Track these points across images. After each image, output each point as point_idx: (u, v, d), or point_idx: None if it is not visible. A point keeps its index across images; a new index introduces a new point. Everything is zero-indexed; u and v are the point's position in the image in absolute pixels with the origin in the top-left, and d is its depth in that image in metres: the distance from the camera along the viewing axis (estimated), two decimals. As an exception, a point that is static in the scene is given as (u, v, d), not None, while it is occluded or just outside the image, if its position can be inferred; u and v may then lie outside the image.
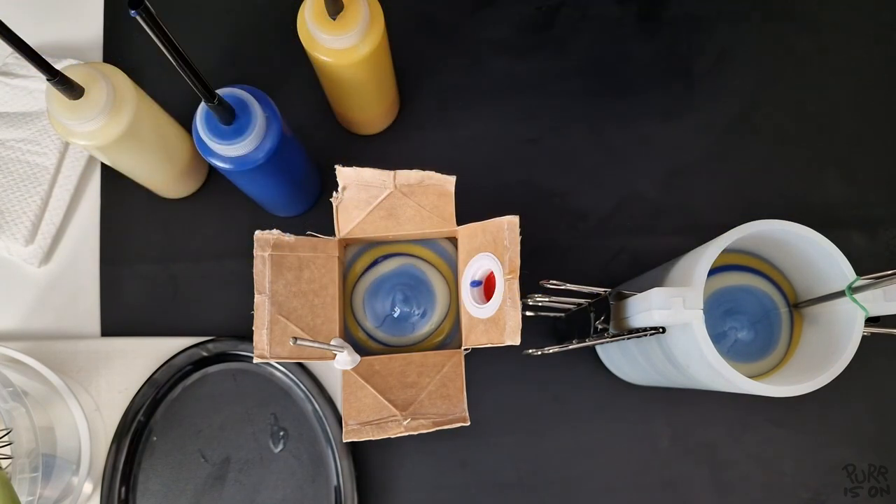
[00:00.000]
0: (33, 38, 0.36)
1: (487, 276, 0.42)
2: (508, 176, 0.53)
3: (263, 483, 0.48)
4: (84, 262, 0.52)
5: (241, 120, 0.38)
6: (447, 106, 0.54)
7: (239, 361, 0.49)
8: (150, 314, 0.51)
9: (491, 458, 0.49)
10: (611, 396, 0.49)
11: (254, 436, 0.48)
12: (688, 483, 0.48)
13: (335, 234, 0.43)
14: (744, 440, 0.49)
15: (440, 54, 0.55)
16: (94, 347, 0.49)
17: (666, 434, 0.49)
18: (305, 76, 0.54)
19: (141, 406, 0.48)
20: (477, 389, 0.46)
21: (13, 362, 0.45)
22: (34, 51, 0.35)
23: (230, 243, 0.51)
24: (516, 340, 0.37)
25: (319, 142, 0.53)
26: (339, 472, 0.47)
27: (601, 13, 0.55)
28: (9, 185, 0.51)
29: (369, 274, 0.45)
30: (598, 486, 0.48)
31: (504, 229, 0.39)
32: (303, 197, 0.50)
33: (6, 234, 0.50)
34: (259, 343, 0.39)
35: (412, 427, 0.40)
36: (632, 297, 0.36)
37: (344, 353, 0.40)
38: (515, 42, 0.55)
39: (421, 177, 0.42)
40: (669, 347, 0.36)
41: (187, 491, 0.48)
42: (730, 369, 0.32)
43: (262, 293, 0.40)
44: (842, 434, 0.49)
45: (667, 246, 0.48)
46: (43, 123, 0.52)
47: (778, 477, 0.48)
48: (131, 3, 0.28)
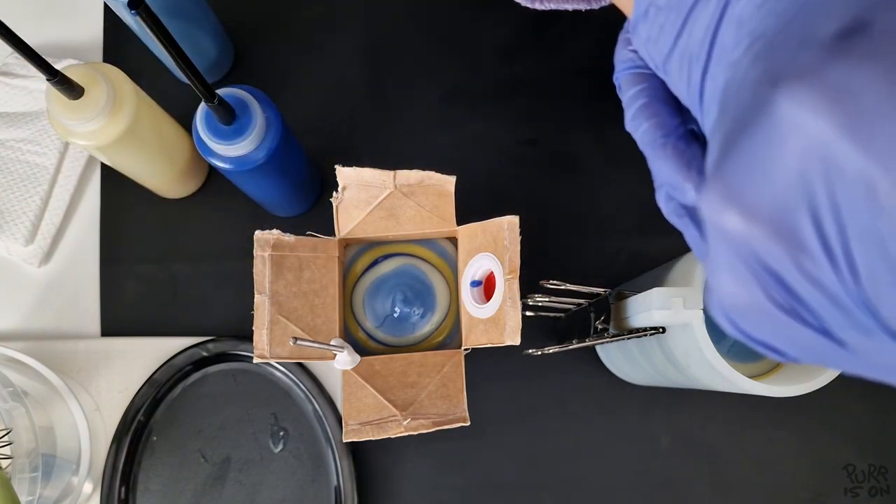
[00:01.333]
0: (33, 38, 0.36)
1: (487, 276, 0.42)
2: (508, 176, 0.53)
3: (263, 483, 0.48)
4: (84, 262, 0.52)
5: (241, 120, 0.38)
6: (447, 106, 0.54)
7: (239, 361, 0.49)
8: (150, 314, 0.51)
9: (491, 458, 0.49)
10: (611, 396, 0.49)
11: (254, 436, 0.48)
12: (688, 483, 0.48)
13: (335, 234, 0.43)
14: (744, 440, 0.49)
15: (440, 54, 0.55)
16: (94, 347, 0.49)
17: (666, 434, 0.49)
18: (305, 76, 0.54)
19: (141, 406, 0.48)
20: (477, 389, 0.46)
21: (13, 362, 0.45)
22: (34, 51, 0.35)
23: (230, 243, 0.51)
24: (516, 340, 0.37)
25: (319, 142, 0.53)
26: (339, 472, 0.47)
27: (601, 13, 0.55)
28: (9, 185, 0.51)
29: (369, 274, 0.45)
30: (598, 486, 0.48)
31: (504, 229, 0.39)
32: (303, 197, 0.50)
33: (6, 234, 0.50)
34: (259, 343, 0.39)
35: (412, 427, 0.40)
36: (632, 297, 0.36)
37: (344, 353, 0.40)
38: (515, 42, 0.55)
39: (421, 177, 0.42)
40: (669, 347, 0.36)
41: (187, 491, 0.48)
42: (730, 369, 0.32)
43: (262, 293, 0.40)
44: (842, 434, 0.49)
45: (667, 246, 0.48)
46: (43, 123, 0.52)
47: (778, 477, 0.48)
48: (131, 3, 0.28)
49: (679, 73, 0.22)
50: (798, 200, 0.15)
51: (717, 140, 0.17)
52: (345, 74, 0.54)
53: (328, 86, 0.54)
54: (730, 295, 0.17)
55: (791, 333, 0.17)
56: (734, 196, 0.16)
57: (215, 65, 0.52)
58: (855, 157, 0.13)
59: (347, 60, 0.54)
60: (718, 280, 0.18)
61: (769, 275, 0.16)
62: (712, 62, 0.20)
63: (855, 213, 0.14)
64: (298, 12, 0.55)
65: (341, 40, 0.55)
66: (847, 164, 0.14)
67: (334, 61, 0.55)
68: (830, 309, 0.16)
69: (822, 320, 0.16)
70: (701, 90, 0.20)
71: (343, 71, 0.54)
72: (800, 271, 0.15)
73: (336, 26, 0.55)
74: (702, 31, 0.20)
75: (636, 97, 0.26)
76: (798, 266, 0.15)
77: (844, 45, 0.14)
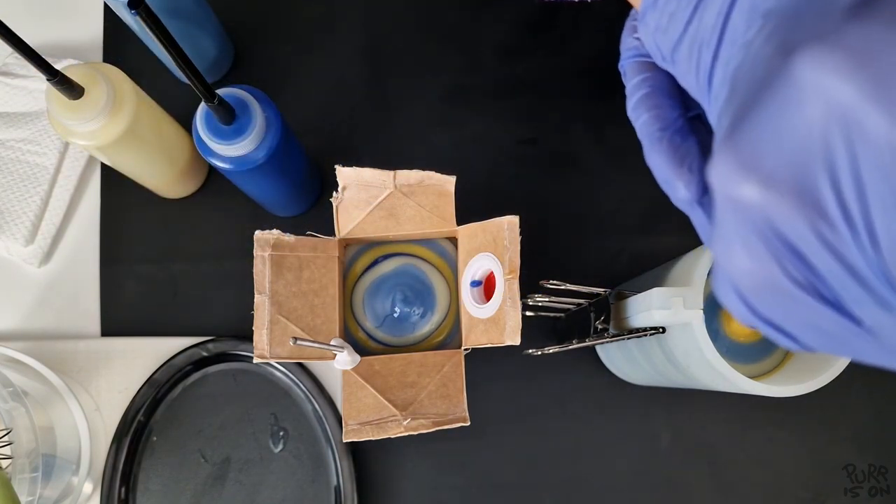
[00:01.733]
0: (33, 38, 0.36)
1: (487, 276, 0.42)
2: (508, 176, 0.53)
3: (263, 483, 0.48)
4: (84, 262, 0.52)
5: (241, 120, 0.38)
6: (447, 106, 0.54)
7: (239, 361, 0.49)
8: (150, 314, 0.51)
9: (491, 458, 0.49)
10: (611, 396, 0.49)
11: (254, 436, 0.48)
12: (688, 483, 0.48)
13: (335, 234, 0.43)
14: (744, 440, 0.49)
15: (440, 54, 0.55)
16: (94, 347, 0.49)
17: (666, 434, 0.49)
18: (305, 76, 0.54)
19: (141, 406, 0.48)
20: (477, 389, 0.46)
21: (13, 362, 0.45)
22: (34, 51, 0.35)
23: (230, 243, 0.51)
24: (516, 340, 0.37)
25: (319, 142, 0.53)
26: (339, 472, 0.47)
27: (602, 12, 0.55)
28: (9, 185, 0.51)
29: (369, 274, 0.45)
30: (598, 486, 0.48)
31: (504, 229, 0.39)
32: (303, 197, 0.50)
33: (6, 234, 0.50)
34: (259, 343, 0.39)
35: (412, 427, 0.40)
36: (632, 297, 0.36)
37: (344, 353, 0.40)
38: (515, 42, 0.55)
39: (421, 177, 0.42)
40: (669, 347, 0.36)
41: (187, 491, 0.48)
42: (730, 369, 0.32)
43: (262, 293, 0.40)
44: (842, 434, 0.49)
45: (667, 246, 0.48)
46: (43, 123, 0.52)
47: (778, 477, 0.48)
48: (131, 3, 0.28)
49: (688, 61, 0.21)
50: (817, 164, 0.14)
51: (728, 117, 0.17)
52: (345, 74, 0.54)
53: (328, 86, 0.54)
54: (743, 272, 0.17)
55: (806, 313, 0.17)
56: (748, 164, 0.16)
57: (215, 65, 0.52)
58: (878, 119, 0.13)
59: (347, 60, 0.55)
60: (731, 257, 0.17)
61: (785, 246, 0.16)
62: (723, 46, 0.19)
63: (876, 179, 0.13)
64: (298, 12, 0.55)
65: (341, 40, 0.55)
66: (870, 126, 0.13)
67: (334, 61, 0.55)
68: (848, 282, 0.15)
69: (838, 296, 0.16)
70: (710, 75, 0.20)
71: (343, 71, 0.54)
72: (817, 239, 0.15)
73: (336, 26, 0.55)
74: (713, 17, 0.19)
75: (639, 86, 0.26)
76: (816, 233, 0.15)
77: (865, 10, 0.14)
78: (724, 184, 0.16)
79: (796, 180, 0.15)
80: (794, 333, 0.18)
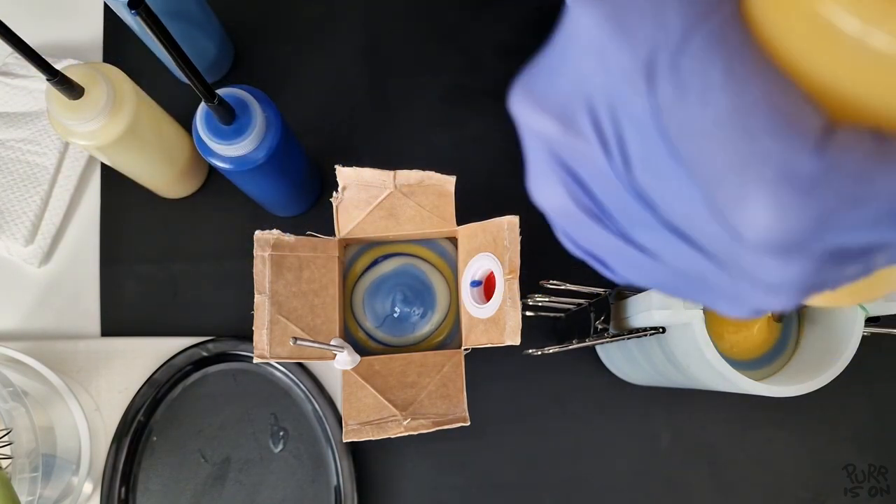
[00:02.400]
0: (33, 38, 0.36)
1: (487, 276, 0.42)
2: (508, 176, 0.52)
3: (263, 483, 0.48)
4: (84, 262, 0.52)
5: (241, 120, 0.38)
6: (447, 106, 0.54)
7: (239, 361, 0.49)
8: (150, 314, 0.51)
9: (491, 458, 0.49)
10: (611, 396, 0.49)
11: (254, 436, 0.48)
12: (688, 483, 0.48)
13: (335, 234, 0.43)
14: (744, 440, 0.49)
15: (440, 54, 0.55)
16: (94, 347, 0.49)
17: (666, 434, 0.49)
18: (305, 76, 0.54)
19: (141, 406, 0.48)
20: (477, 389, 0.46)
21: (13, 362, 0.45)
22: (34, 51, 0.35)
23: (230, 243, 0.51)
24: (516, 340, 0.37)
25: (319, 142, 0.53)
26: (339, 472, 0.47)
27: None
28: (9, 185, 0.51)
29: (369, 274, 0.45)
30: (598, 486, 0.48)
31: (504, 229, 0.39)
32: (303, 197, 0.50)
33: (6, 234, 0.50)
34: (259, 343, 0.39)
35: (412, 427, 0.40)
36: (632, 297, 0.36)
37: (344, 353, 0.40)
38: (516, 41, 0.55)
39: (421, 177, 0.42)
40: (669, 347, 0.36)
41: (187, 491, 0.48)
42: (730, 369, 0.32)
43: (262, 293, 0.40)
44: (842, 434, 0.49)
45: (667, 246, 0.48)
46: (43, 123, 0.52)
47: (778, 477, 0.48)
48: (131, 3, 0.28)
49: None
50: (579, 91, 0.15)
51: None
52: (345, 74, 0.54)
53: (328, 86, 0.54)
54: (545, 197, 0.18)
55: (601, 240, 0.17)
56: (532, 95, 0.17)
57: (215, 65, 0.52)
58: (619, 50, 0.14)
59: (347, 60, 0.54)
60: (538, 190, 0.18)
61: (567, 172, 0.17)
62: None
63: (625, 101, 0.14)
64: (298, 12, 0.55)
65: (341, 40, 0.55)
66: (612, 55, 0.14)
67: (334, 61, 0.55)
68: (617, 204, 0.16)
69: (615, 221, 0.17)
70: None
71: (343, 71, 0.54)
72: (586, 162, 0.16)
73: (336, 26, 0.55)
74: None
75: None
76: (583, 156, 0.16)
77: None
78: (517, 112, 0.17)
79: (564, 106, 0.16)
80: (606, 260, 0.19)
